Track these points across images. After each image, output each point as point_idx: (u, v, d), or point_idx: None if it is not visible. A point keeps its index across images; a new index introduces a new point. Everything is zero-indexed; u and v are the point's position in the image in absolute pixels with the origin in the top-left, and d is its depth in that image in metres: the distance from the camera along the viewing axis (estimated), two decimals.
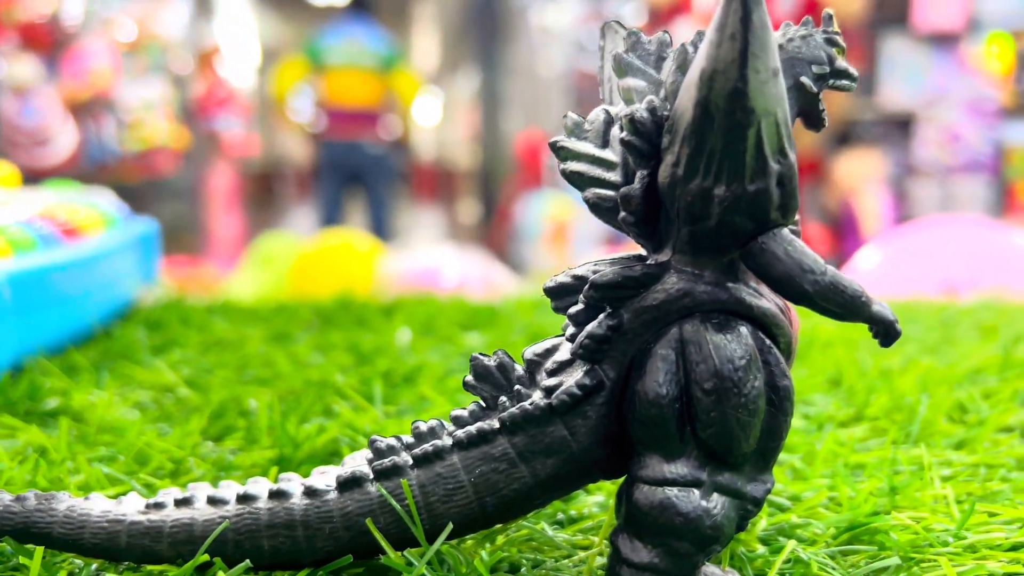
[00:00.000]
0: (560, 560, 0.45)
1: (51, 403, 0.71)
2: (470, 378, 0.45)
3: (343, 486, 0.43)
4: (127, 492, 0.50)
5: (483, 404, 0.44)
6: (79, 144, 3.80)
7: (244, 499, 0.44)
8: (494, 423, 0.43)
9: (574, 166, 0.43)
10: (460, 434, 0.43)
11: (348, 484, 0.43)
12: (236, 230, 4.68)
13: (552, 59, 4.64)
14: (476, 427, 0.43)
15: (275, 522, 0.43)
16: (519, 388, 0.44)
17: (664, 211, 0.42)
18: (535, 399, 0.43)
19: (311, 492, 0.43)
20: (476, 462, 0.43)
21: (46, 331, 0.84)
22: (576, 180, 0.43)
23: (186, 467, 0.57)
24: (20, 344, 0.78)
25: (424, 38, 8.69)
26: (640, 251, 0.44)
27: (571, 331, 0.43)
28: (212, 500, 0.44)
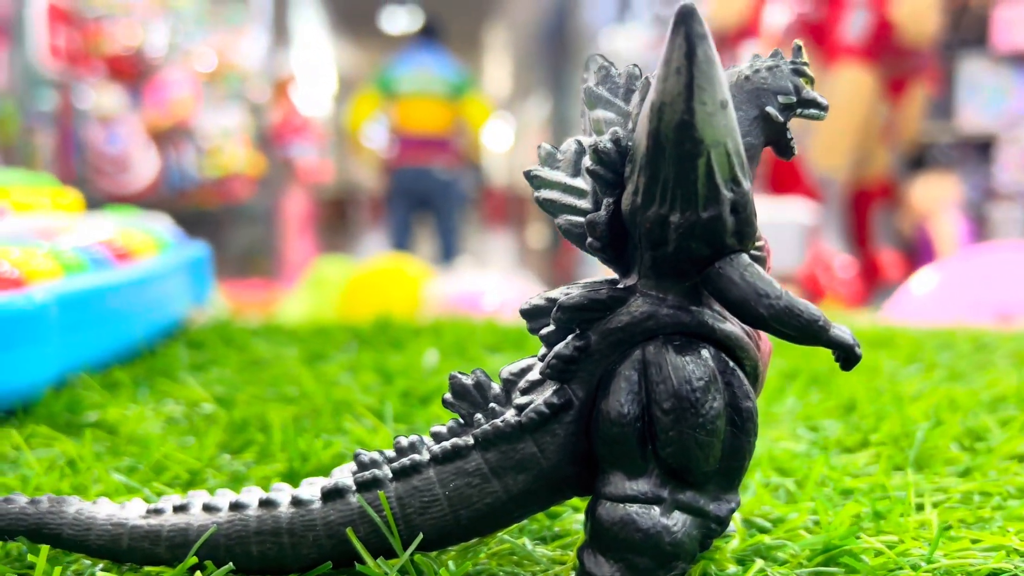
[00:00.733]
0: (537, 574, 0.47)
1: (91, 416, 0.75)
2: (449, 396, 0.47)
3: (327, 496, 0.46)
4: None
5: (461, 421, 0.47)
6: (160, 171, 3.95)
7: (236, 507, 0.46)
8: (468, 439, 0.45)
9: (547, 194, 0.45)
10: (436, 449, 0.45)
11: (331, 495, 0.46)
12: (309, 254, 4.79)
13: None
14: (451, 443, 0.45)
15: (263, 529, 0.46)
16: (493, 406, 0.46)
17: (631, 237, 0.43)
18: (507, 416, 0.45)
19: (297, 502, 0.46)
20: (451, 476, 0.45)
21: (92, 349, 0.89)
22: (549, 207, 0.45)
23: (202, 477, 0.60)
24: (65, 360, 0.83)
25: (496, 65, 8.80)
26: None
27: (543, 351, 0.45)
28: (207, 507, 0.47)
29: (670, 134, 0.39)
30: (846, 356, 0.42)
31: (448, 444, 0.45)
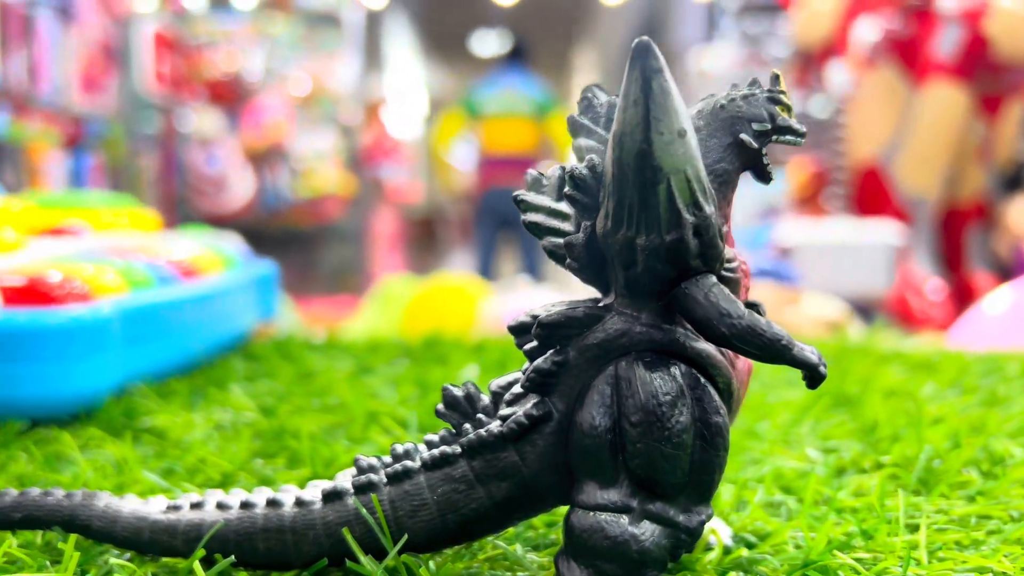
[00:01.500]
0: None
1: (145, 423, 0.81)
2: (441, 407, 0.50)
3: (326, 498, 0.49)
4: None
5: (452, 430, 0.50)
6: (256, 191, 4.11)
7: (245, 505, 0.50)
8: (456, 447, 0.48)
9: (532, 217, 0.48)
10: (427, 456, 0.48)
11: (331, 496, 0.49)
12: (397, 272, 4.90)
13: None
14: (440, 450, 0.48)
15: (268, 527, 0.50)
16: (481, 416, 0.48)
17: (607, 258, 0.46)
18: (491, 427, 0.47)
19: (300, 502, 0.50)
20: (439, 482, 0.48)
21: (153, 359, 0.95)
22: (534, 229, 0.48)
23: (235, 480, 0.64)
24: (127, 371, 0.89)
25: (585, 84, 8.82)
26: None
27: (526, 365, 0.48)
28: (220, 505, 0.51)
29: (631, 162, 0.41)
30: (811, 375, 0.44)
31: (437, 452, 0.48)
